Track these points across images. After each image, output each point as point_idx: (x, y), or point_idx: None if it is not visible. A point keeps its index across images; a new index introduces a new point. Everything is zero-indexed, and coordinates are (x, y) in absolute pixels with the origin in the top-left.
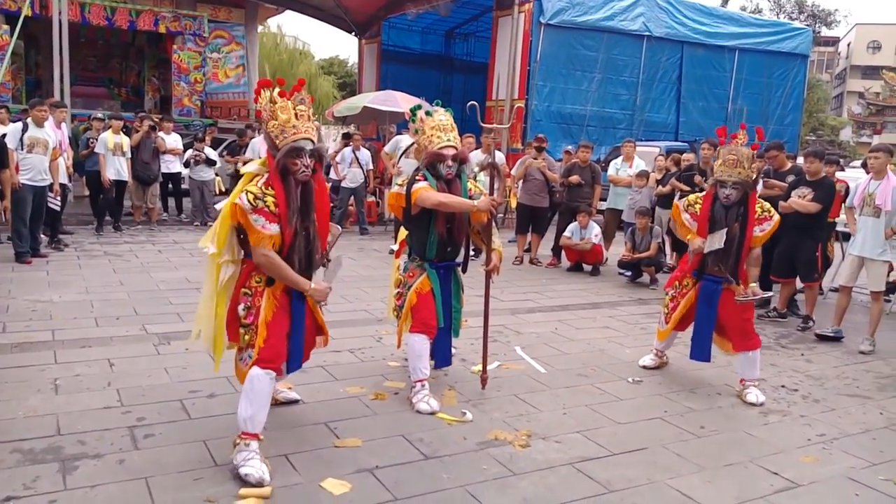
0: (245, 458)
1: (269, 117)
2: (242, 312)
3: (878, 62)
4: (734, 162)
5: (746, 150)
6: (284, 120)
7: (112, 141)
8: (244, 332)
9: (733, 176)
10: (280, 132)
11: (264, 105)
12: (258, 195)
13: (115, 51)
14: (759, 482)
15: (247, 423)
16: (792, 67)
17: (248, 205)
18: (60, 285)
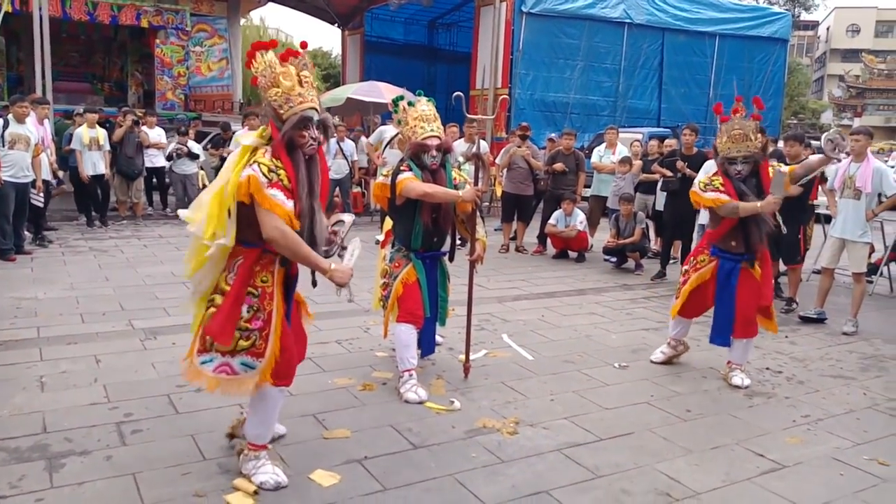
0: (256, 466)
1: (270, 84)
2: (247, 314)
3: (858, 45)
4: (741, 136)
5: (750, 122)
6: (288, 87)
7: (87, 136)
8: (241, 336)
9: (742, 150)
10: (285, 101)
11: (262, 70)
12: (272, 167)
13: (98, 46)
14: (745, 464)
15: (257, 438)
16: (772, 52)
17: (264, 178)
18: (45, 282)
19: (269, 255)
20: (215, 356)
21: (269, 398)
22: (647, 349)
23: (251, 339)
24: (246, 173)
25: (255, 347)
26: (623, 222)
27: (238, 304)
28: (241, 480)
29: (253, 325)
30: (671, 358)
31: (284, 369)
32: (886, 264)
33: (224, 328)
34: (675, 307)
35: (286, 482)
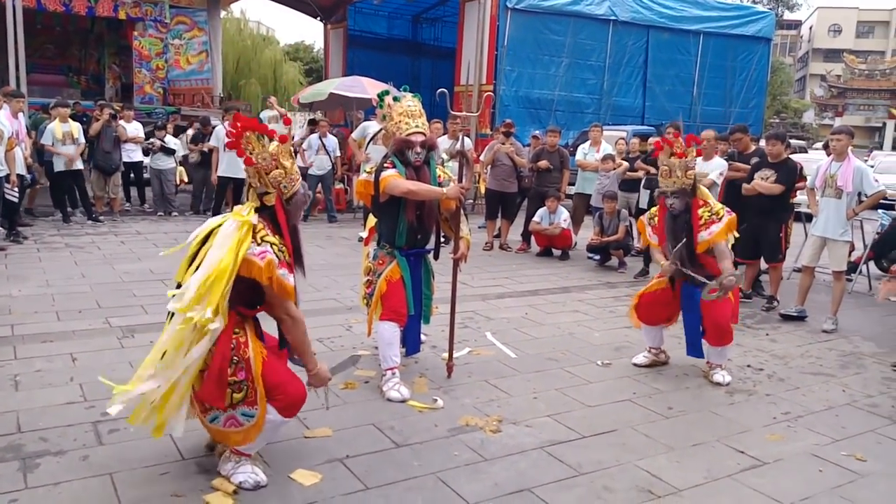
0: (234, 467)
1: (273, 166)
2: (230, 369)
3: (839, 45)
4: (667, 172)
5: (675, 160)
6: (289, 168)
7: (60, 130)
8: (231, 391)
9: (670, 186)
10: (289, 181)
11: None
12: (279, 246)
13: (74, 38)
14: (726, 461)
15: (245, 448)
16: (755, 51)
17: (276, 258)
18: (20, 279)
19: (241, 317)
20: (218, 413)
21: (271, 425)
22: (629, 347)
23: (242, 390)
24: (264, 256)
25: (248, 396)
26: (607, 220)
27: (225, 365)
28: (219, 480)
29: (239, 377)
30: (652, 363)
31: (287, 403)
32: (866, 263)
33: (217, 393)
34: (631, 310)
35: (265, 481)
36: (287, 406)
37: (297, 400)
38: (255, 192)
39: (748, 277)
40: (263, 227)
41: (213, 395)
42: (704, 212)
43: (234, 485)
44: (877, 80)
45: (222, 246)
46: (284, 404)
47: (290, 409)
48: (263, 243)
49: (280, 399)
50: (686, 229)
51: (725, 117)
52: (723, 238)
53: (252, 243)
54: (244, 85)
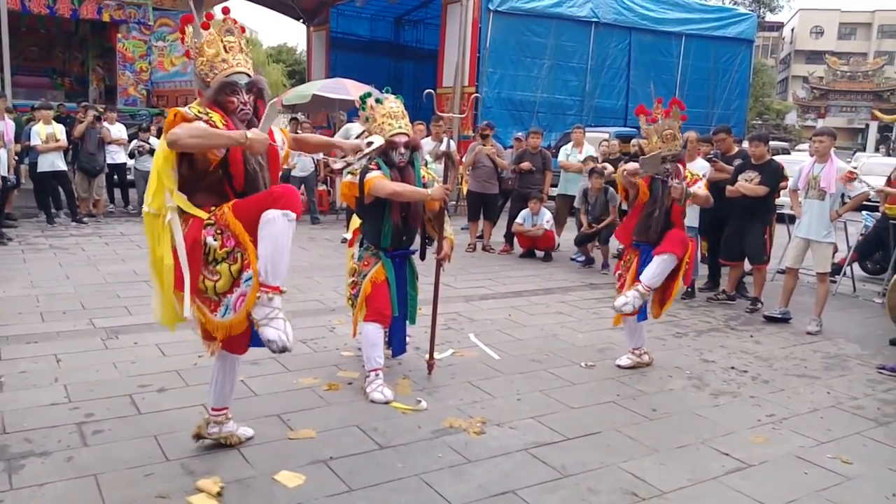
0: (268, 315)
1: (197, 54)
2: (215, 242)
3: (821, 47)
4: (671, 136)
5: (675, 121)
6: (212, 55)
7: (44, 132)
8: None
9: (672, 150)
10: (209, 69)
11: (189, 42)
12: (201, 111)
13: (58, 40)
14: (710, 463)
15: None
16: (738, 53)
17: (191, 113)
18: (4, 280)
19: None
20: (227, 300)
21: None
22: (613, 348)
23: (237, 258)
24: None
25: (245, 260)
26: (592, 197)
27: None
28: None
29: (229, 245)
30: (636, 365)
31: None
32: (850, 264)
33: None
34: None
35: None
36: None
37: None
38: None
39: (732, 279)
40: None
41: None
42: (687, 172)
43: (264, 341)
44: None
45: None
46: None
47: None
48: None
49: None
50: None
51: (708, 119)
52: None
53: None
54: None
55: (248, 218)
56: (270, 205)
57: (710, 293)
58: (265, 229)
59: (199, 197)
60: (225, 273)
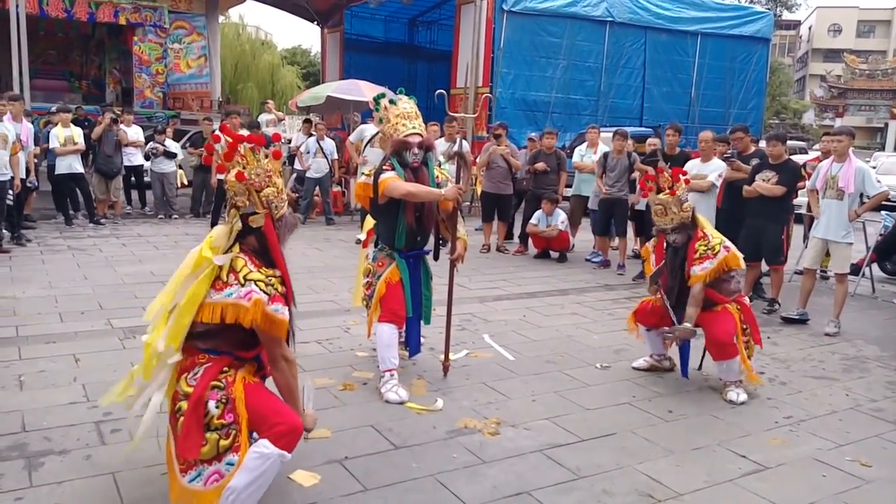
0: None
1: (266, 183)
2: (216, 410)
3: (839, 45)
4: (661, 211)
5: (667, 196)
6: (281, 186)
7: (62, 135)
8: (218, 436)
9: (668, 224)
10: (281, 201)
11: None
12: (266, 280)
13: (76, 43)
14: (727, 465)
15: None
16: (754, 51)
17: (265, 296)
18: (23, 281)
19: (240, 361)
20: (202, 468)
21: (269, 461)
22: (628, 349)
23: (230, 435)
24: (250, 296)
25: (235, 442)
26: (613, 160)
27: (200, 406)
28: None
29: (227, 420)
30: (653, 367)
31: (286, 429)
32: (869, 265)
33: (193, 442)
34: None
35: None
36: (285, 434)
37: (296, 426)
38: (239, 213)
39: (749, 280)
40: (245, 262)
41: (192, 446)
42: (701, 245)
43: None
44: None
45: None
46: (283, 432)
47: (288, 437)
48: (247, 283)
49: (277, 426)
50: (680, 265)
51: (724, 118)
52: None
53: (235, 285)
54: (242, 89)
55: (254, 414)
56: (272, 434)
57: None
58: (258, 461)
59: (219, 343)
60: (212, 444)
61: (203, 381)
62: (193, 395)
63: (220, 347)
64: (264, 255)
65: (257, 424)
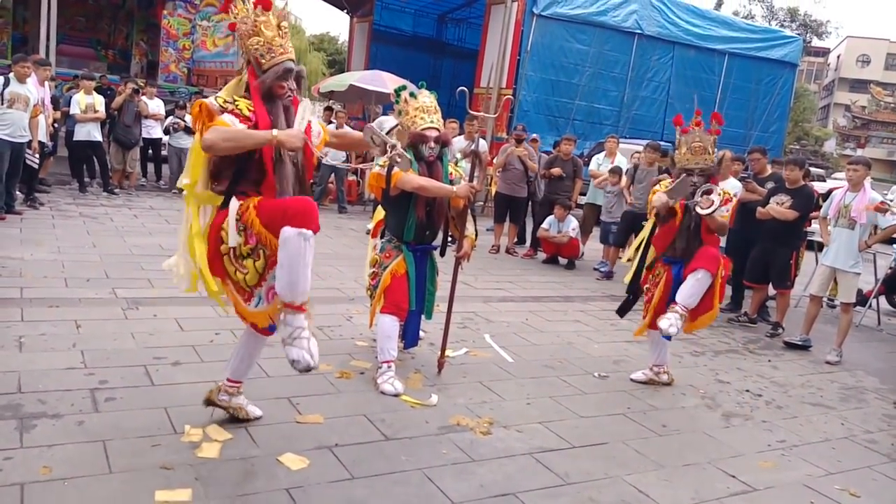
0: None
1: (251, 32)
2: (241, 238)
3: (867, 76)
4: (701, 149)
5: (709, 135)
6: (270, 37)
7: (84, 102)
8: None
9: (700, 163)
10: (267, 50)
11: (242, 17)
12: (227, 99)
13: (105, 12)
14: (715, 484)
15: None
16: (780, 75)
17: (216, 105)
18: (33, 243)
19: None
20: (259, 291)
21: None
22: (628, 361)
23: (261, 255)
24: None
25: (269, 258)
26: (643, 173)
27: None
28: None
29: (252, 243)
30: (651, 381)
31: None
32: (876, 297)
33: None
34: (642, 328)
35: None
36: (298, 212)
37: (306, 205)
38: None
39: (755, 302)
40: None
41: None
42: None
43: (288, 360)
44: None
45: None
46: (294, 212)
47: (301, 215)
48: (214, 98)
49: (287, 210)
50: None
51: (746, 140)
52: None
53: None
54: None
55: (270, 221)
56: (287, 221)
57: (731, 314)
58: (282, 251)
59: (231, 181)
60: (251, 268)
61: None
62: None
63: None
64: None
65: (275, 226)
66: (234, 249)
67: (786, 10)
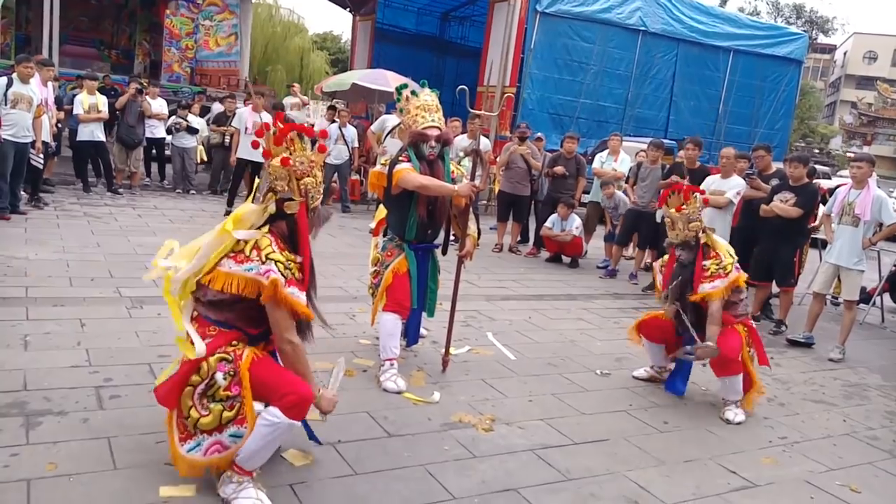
0: (236, 490)
1: (307, 172)
2: (223, 381)
3: (874, 73)
4: (670, 225)
5: (675, 213)
6: (320, 179)
7: (87, 102)
8: (223, 408)
9: (673, 239)
10: (318, 192)
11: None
12: (286, 263)
13: (108, 12)
14: (716, 479)
15: (246, 462)
16: (786, 72)
17: (282, 277)
18: (37, 243)
19: (248, 337)
20: (202, 438)
21: (279, 429)
22: (630, 358)
23: (234, 407)
24: (268, 274)
25: (240, 414)
26: (646, 171)
27: (192, 369)
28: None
29: (233, 392)
30: (653, 378)
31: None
32: (880, 294)
33: (171, 391)
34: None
35: None
36: (295, 404)
37: (305, 396)
38: (276, 197)
39: (758, 300)
40: (270, 243)
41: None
42: (712, 264)
43: None
44: None
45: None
46: (292, 402)
47: (298, 407)
48: (268, 261)
49: (287, 397)
50: (684, 283)
51: (750, 137)
52: (720, 296)
53: (256, 261)
54: (271, 70)
55: (259, 385)
56: (280, 403)
57: None
58: (267, 429)
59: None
60: (215, 415)
61: (208, 350)
62: (193, 361)
63: (230, 321)
64: (292, 241)
65: (267, 395)
66: (205, 388)
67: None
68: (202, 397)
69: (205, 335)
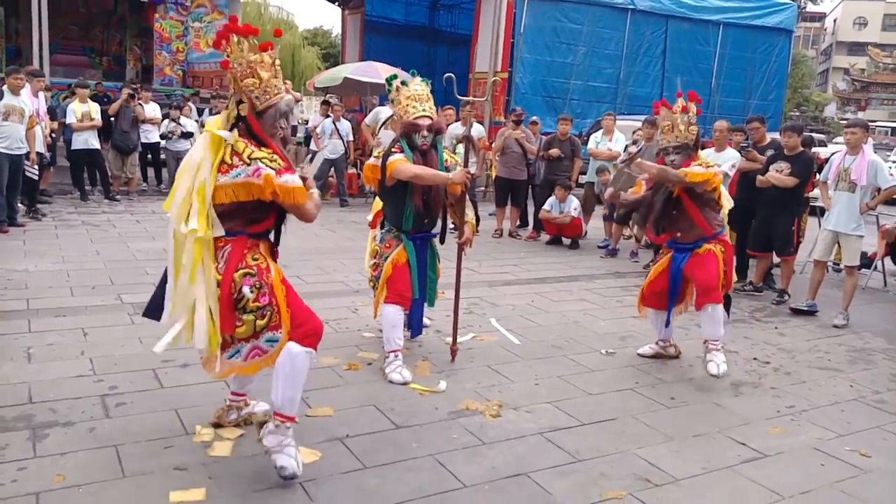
0: (281, 444)
1: (247, 74)
2: (251, 294)
3: (864, 38)
4: (669, 127)
5: (678, 114)
6: (266, 79)
7: (79, 110)
8: (255, 317)
9: (672, 141)
10: (262, 92)
11: (236, 57)
12: (269, 157)
13: (97, 19)
14: (726, 452)
15: (285, 406)
16: (776, 43)
17: (272, 171)
18: (36, 255)
19: (254, 239)
20: (240, 346)
21: (298, 360)
22: (634, 336)
23: (266, 315)
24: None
25: (273, 321)
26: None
27: (230, 290)
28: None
29: (262, 302)
30: (658, 354)
31: (309, 329)
32: (881, 258)
33: (227, 322)
34: (638, 302)
35: (300, 473)
36: (309, 333)
37: (317, 327)
38: (233, 100)
39: (759, 270)
40: (246, 145)
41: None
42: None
43: (276, 467)
44: None
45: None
46: (306, 331)
47: (312, 336)
48: (252, 161)
49: (302, 327)
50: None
51: (744, 109)
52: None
53: (241, 165)
54: None
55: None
56: (297, 333)
57: (736, 284)
58: (288, 363)
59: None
60: (249, 324)
61: (229, 265)
62: (224, 280)
63: (235, 228)
64: (255, 139)
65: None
66: (237, 301)
67: None
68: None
69: (217, 251)
